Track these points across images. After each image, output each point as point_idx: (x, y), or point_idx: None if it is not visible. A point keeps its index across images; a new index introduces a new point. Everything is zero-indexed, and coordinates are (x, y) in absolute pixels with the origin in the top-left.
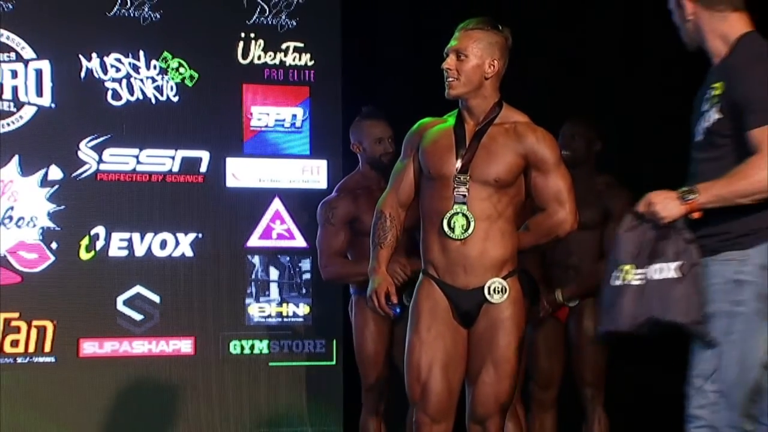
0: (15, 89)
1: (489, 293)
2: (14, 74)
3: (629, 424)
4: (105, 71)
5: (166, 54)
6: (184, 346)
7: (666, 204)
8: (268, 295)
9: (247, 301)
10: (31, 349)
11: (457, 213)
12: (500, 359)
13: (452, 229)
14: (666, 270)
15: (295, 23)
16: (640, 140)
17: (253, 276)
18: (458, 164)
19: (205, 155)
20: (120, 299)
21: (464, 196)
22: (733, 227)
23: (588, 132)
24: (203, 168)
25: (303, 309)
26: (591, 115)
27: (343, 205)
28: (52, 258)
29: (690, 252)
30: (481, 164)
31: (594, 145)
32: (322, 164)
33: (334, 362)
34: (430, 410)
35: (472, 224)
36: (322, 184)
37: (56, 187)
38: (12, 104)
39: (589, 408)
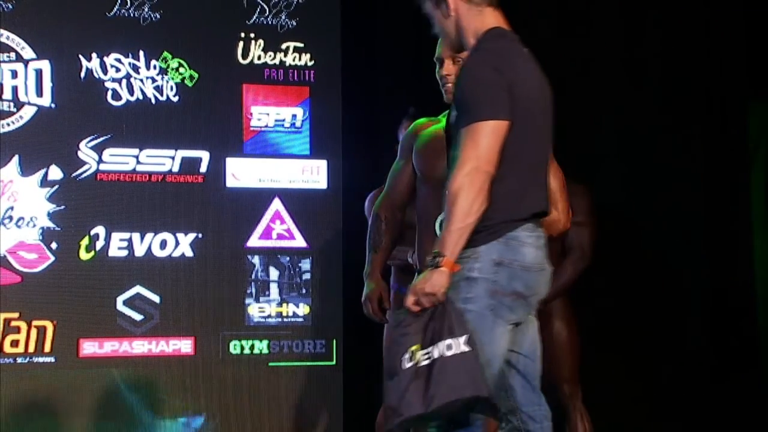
0: (15, 89)
1: None
2: (14, 74)
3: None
4: (105, 71)
5: (166, 54)
6: (184, 346)
7: (430, 282)
8: (268, 295)
9: (247, 301)
10: (31, 349)
11: None
12: None
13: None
14: (455, 346)
15: (295, 23)
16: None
17: (253, 276)
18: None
19: (205, 155)
20: (120, 299)
21: None
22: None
23: None
24: (203, 168)
25: (303, 309)
26: None
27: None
28: (52, 258)
29: (466, 323)
30: None
31: None
32: (322, 164)
33: (334, 362)
34: None
35: None
36: (322, 184)
37: (56, 187)
38: (12, 104)
39: (569, 406)
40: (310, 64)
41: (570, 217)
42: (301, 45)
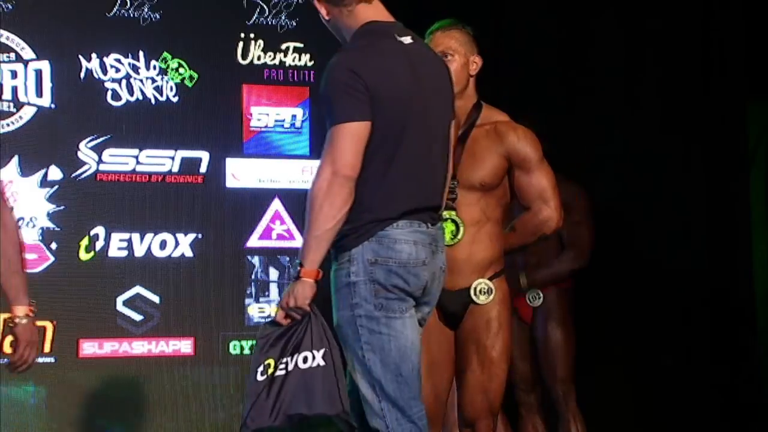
0: (15, 90)
1: (475, 294)
2: (14, 74)
3: (605, 420)
4: (105, 72)
5: (165, 54)
6: (184, 346)
7: (293, 294)
8: (268, 296)
9: (247, 301)
10: None
11: (446, 219)
12: (487, 360)
13: (447, 235)
14: (311, 359)
15: (294, 23)
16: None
17: (253, 276)
18: None
19: (204, 156)
20: (120, 299)
21: (452, 201)
22: (342, 231)
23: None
24: (203, 168)
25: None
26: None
27: None
28: (52, 258)
29: (329, 337)
30: (466, 169)
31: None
32: None
33: None
34: None
35: (461, 230)
36: None
37: (56, 187)
38: (12, 104)
39: (562, 406)
40: (309, 64)
41: (562, 215)
42: (301, 45)
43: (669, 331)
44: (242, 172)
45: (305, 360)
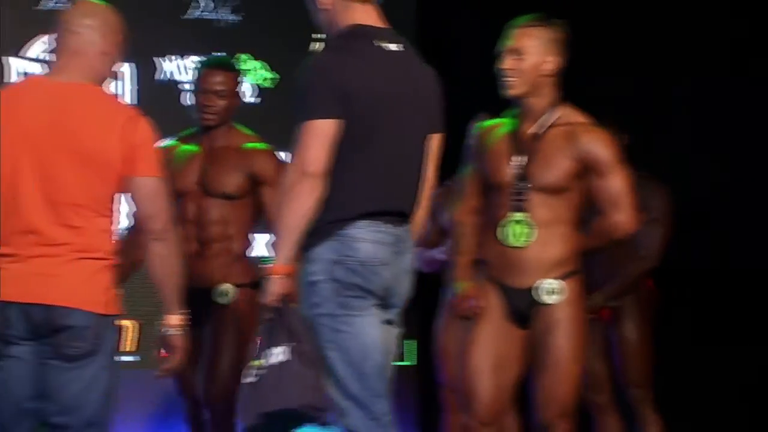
0: None
1: (540, 294)
2: None
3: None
4: (183, 74)
5: (244, 56)
6: None
7: (263, 292)
8: None
9: None
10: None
11: (516, 221)
12: (558, 361)
13: (512, 238)
14: (281, 353)
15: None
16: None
17: None
18: (515, 171)
19: (283, 156)
20: None
21: (522, 203)
22: (307, 230)
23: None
24: None
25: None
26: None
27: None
28: None
29: (294, 331)
30: (537, 170)
31: (620, 139)
32: None
33: (412, 362)
34: (479, 413)
35: (531, 232)
36: None
37: None
38: None
39: (639, 410)
40: None
41: (636, 221)
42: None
43: (754, 337)
44: None
45: (275, 356)
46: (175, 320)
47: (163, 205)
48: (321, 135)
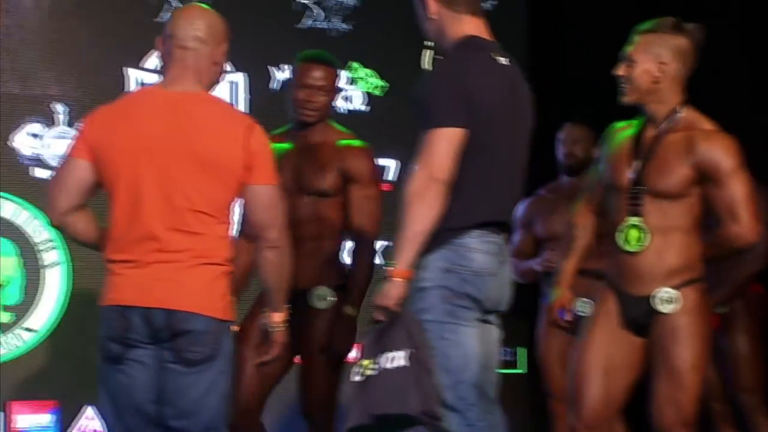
0: None
1: (657, 302)
2: None
3: None
4: None
5: (355, 64)
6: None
7: (382, 294)
8: None
9: None
10: None
11: (632, 225)
12: (675, 370)
13: (626, 242)
14: (397, 359)
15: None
16: None
17: None
18: (632, 175)
19: (392, 163)
20: None
21: (639, 207)
22: None
23: (590, 136)
24: (391, 176)
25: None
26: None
27: (524, 208)
28: None
29: (415, 338)
30: (653, 175)
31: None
32: None
33: (522, 370)
34: (584, 417)
35: (647, 237)
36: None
37: None
38: None
39: (751, 417)
40: None
41: (757, 231)
42: None
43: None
44: None
45: (391, 360)
46: (278, 317)
47: (278, 213)
48: (449, 142)
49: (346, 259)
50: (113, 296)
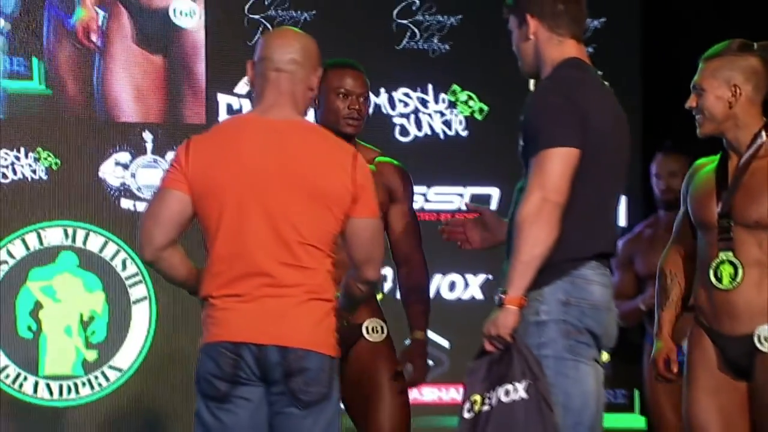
0: None
1: (758, 341)
2: None
3: None
4: (393, 106)
5: (455, 87)
6: None
7: (494, 323)
8: None
9: None
10: None
11: (723, 261)
12: None
13: (719, 279)
14: (514, 391)
15: (591, 50)
16: None
17: None
18: (719, 208)
19: (495, 192)
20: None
21: (730, 241)
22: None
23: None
24: (493, 205)
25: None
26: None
27: (623, 246)
28: None
29: (533, 368)
30: (741, 205)
31: None
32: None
33: (637, 414)
34: None
35: (740, 272)
36: (621, 222)
37: None
38: None
39: None
40: None
41: None
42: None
43: None
44: None
45: (507, 393)
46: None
47: (380, 249)
48: (564, 163)
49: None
50: (219, 331)
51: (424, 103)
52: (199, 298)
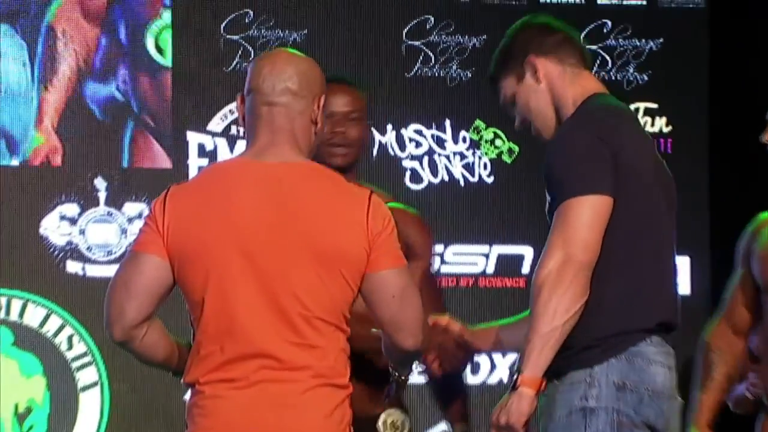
0: None
1: None
2: None
3: None
4: (402, 147)
5: (478, 122)
6: None
7: (506, 409)
8: None
9: None
10: None
11: None
12: None
13: None
14: None
15: (646, 77)
16: None
17: None
18: None
19: (528, 252)
20: None
21: None
22: (574, 339)
23: None
24: (525, 269)
25: None
26: None
27: None
28: None
29: None
30: None
31: None
32: (683, 261)
33: None
34: None
35: None
36: (685, 288)
37: None
38: None
39: None
40: (666, 130)
41: None
42: (655, 106)
43: None
44: None
45: None
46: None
47: (415, 310)
48: (594, 213)
49: None
50: (209, 423)
51: (440, 142)
52: (183, 383)
